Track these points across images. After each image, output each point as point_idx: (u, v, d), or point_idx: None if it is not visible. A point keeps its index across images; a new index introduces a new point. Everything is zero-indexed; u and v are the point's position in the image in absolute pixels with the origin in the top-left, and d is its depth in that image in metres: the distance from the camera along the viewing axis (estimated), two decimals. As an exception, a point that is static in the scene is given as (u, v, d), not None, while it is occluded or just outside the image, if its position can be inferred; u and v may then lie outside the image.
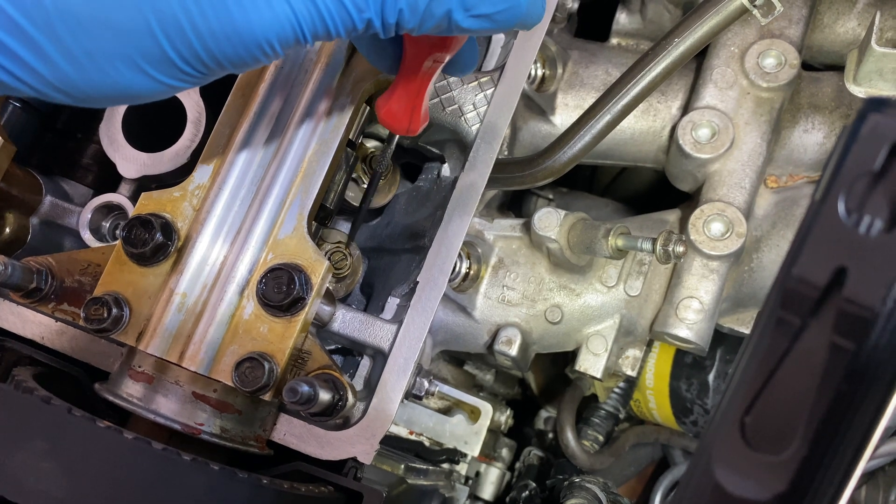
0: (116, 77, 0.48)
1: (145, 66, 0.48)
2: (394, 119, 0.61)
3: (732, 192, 0.89)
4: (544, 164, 0.82)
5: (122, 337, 0.64)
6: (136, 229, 0.64)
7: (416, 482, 0.87)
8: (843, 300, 0.32)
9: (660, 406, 1.12)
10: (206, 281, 0.65)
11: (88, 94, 0.49)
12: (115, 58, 0.47)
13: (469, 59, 0.61)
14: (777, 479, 0.34)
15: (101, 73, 0.47)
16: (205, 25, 0.47)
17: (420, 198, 0.89)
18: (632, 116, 0.92)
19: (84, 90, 0.48)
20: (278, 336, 0.63)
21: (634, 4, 1.02)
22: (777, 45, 0.90)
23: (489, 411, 1.08)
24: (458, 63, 0.60)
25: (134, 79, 0.48)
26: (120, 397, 0.64)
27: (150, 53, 0.47)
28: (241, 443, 0.65)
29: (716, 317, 0.88)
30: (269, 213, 0.65)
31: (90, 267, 0.69)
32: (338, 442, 0.68)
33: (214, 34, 0.47)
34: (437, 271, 0.72)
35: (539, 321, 0.93)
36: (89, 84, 0.48)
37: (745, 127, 0.90)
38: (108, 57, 0.47)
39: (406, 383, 0.69)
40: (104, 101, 0.50)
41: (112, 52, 0.47)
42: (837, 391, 0.33)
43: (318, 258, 0.64)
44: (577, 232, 0.86)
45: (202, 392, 0.64)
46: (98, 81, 0.48)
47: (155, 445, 0.56)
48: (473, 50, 0.61)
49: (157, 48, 0.47)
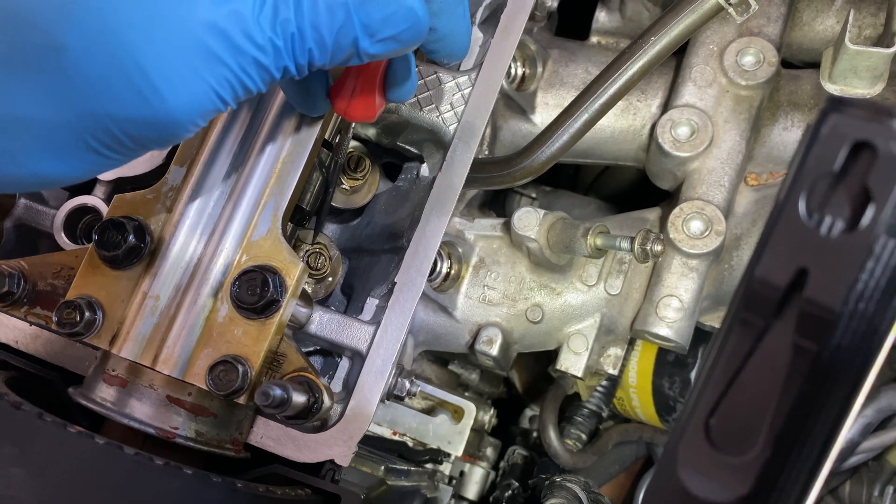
0: (35, 168, 0.48)
1: (66, 157, 0.48)
2: (353, 109, 0.60)
3: (712, 190, 0.89)
4: (523, 164, 0.82)
5: (95, 341, 0.64)
6: (108, 232, 0.63)
7: (397, 483, 0.87)
8: (804, 301, 0.32)
9: (643, 404, 1.12)
10: (180, 283, 0.64)
11: (4, 185, 0.49)
12: (34, 151, 0.47)
13: (456, 45, 0.60)
14: (741, 480, 0.34)
15: (19, 166, 0.48)
16: (124, 117, 0.47)
17: (399, 198, 0.89)
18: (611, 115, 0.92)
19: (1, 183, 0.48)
20: (253, 339, 0.62)
21: (613, 3, 1.02)
22: (755, 43, 0.90)
23: (472, 411, 1.08)
24: (445, 49, 0.60)
25: (55, 168, 0.48)
26: (93, 401, 0.64)
27: (71, 145, 0.47)
28: (216, 446, 0.65)
29: (696, 315, 0.88)
30: (242, 215, 0.65)
31: (63, 270, 0.68)
32: (315, 444, 0.68)
33: (135, 123, 0.47)
34: (414, 272, 0.72)
35: (520, 321, 0.92)
36: (6, 177, 0.48)
37: (724, 125, 0.90)
38: (27, 151, 0.47)
39: (384, 385, 0.69)
40: (23, 188, 0.50)
41: (31, 146, 0.47)
42: (800, 392, 0.33)
43: (292, 260, 0.64)
44: (557, 231, 0.86)
45: (177, 395, 0.64)
46: (16, 174, 0.48)
47: (127, 450, 0.56)
48: (461, 31, 0.60)
49: (78, 140, 0.47)
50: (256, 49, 0.48)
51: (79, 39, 0.45)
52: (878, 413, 1.06)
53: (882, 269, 0.31)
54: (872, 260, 0.31)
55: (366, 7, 0.48)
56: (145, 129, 0.48)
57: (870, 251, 0.31)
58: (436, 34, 0.57)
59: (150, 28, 0.46)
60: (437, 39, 0.57)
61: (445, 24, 0.57)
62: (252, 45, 0.48)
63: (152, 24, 0.46)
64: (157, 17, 0.46)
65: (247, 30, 0.47)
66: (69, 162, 0.49)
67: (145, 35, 0.46)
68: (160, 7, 0.46)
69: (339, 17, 0.48)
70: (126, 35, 0.46)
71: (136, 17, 0.46)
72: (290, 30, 0.48)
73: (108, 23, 0.45)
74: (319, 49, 0.49)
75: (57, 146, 0.48)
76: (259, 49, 0.48)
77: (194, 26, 0.46)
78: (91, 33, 0.45)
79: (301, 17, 0.48)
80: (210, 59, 0.47)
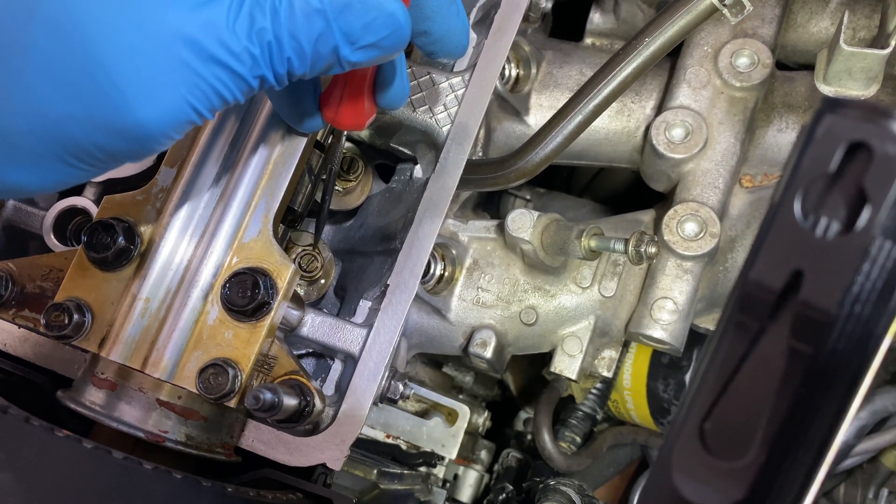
0: (4, 178, 0.47)
1: (35, 167, 0.47)
2: (341, 117, 0.60)
3: (706, 191, 0.88)
4: (516, 165, 0.81)
5: (84, 343, 0.63)
6: (97, 234, 0.63)
7: (390, 487, 0.86)
8: (799, 304, 0.32)
9: (637, 406, 1.12)
10: (170, 286, 0.63)
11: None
12: (7, 161, 0.46)
13: (453, 45, 0.59)
14: (736, 485, 0.33)
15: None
16: (93, 127, 0.45)
17: (393, 199, 0.88)
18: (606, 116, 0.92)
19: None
20: (243, 341, 0.62)
21: (608, 4, 1.02)
22: (750, 45, 0.90)
23: (466, 414, 1.08)
24: (443, 50, 0.59)
25: (24, 178, 0.47)
26: (82, 405, 0.63)
27: (40, 155, 0.46)
28: (207, 450, 0.64)
29: (691, 317, 0.88)
30: (233, 217, 0.64)
31: (52, 272, 0.67)
32: (307, 448, 0.67)
33: (105, 134, 0.46)
34: (407, 274, 0.72)
35: (514, 323, 0.92)
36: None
37: (718, 126, 0.90)
38: (2, 160, 0.46)
39: (377, 388, 0.69)
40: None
41: (2, 156, 0.46)
42: (796, 396, 0.33)
43: (284, 262, 0.63)
44: (551, 233, 0.85)
45: (167, 399, 0.63)
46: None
47: (115, 455, 0.55)
48: (457, 30, 0.58)
49: (46, 150, 0.46)
50: (232, 58, 0.46)
51: (43, 39, 0.43)
52: (872, 415, 1.06)
53: (878, 272, 0.31)
54: (868, 262, 0.31)
55: (345, 14, 0.47)
56: (116, 141, 0.47)
57: (866, 253, 0.31)
58: (431, 37, 0.56)
59: (120, 34, 0.44)
60: (434, 42, 0.56)
61: (440, 26, 0.56)
62: (227, 54, 0.46)
63: (122, 30, 0.44)
64: (127, 24, 0.44)
65: (221, 38, 0.46)
66: (39, 172, 0.47)
67: (115, 42, 0.44)
68: (131, 12, 0.44)
69: (318, 26, 0.47)
70: (94, 39, 0.44)
71: (105, 20, 0.44)
72: (266, 38, 0.47)
73: (74, 22, 0.44)
74: (298, 58, 0.48)
75: (25, 155, 0.46)
76: (235, 58, 0.46)
77: (166, 34, 0.45)
78: (56, 34, 0.44)
79: (278, 25, 0.46)
80: (183, 69, 0.46)
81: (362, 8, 0.47)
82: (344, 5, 0.47)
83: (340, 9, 0.47)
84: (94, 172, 0.49)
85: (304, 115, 0.61)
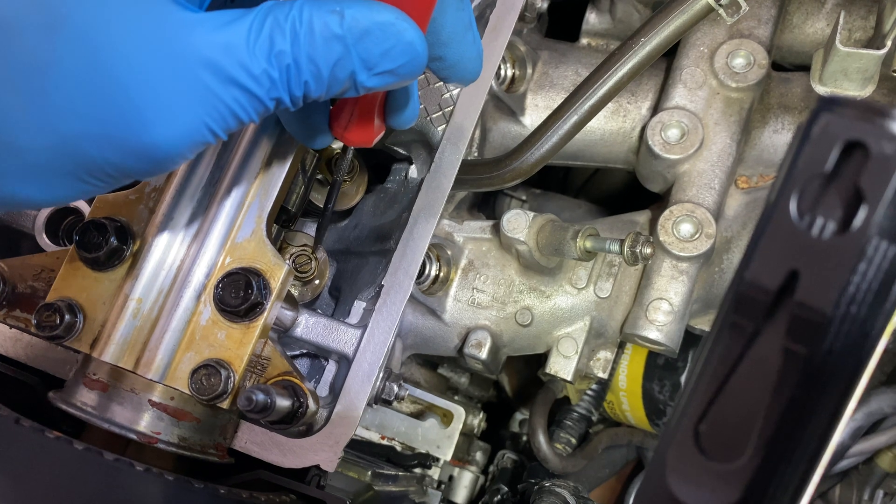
0: (13, 191, 0.47)
1: (46, 182, 0.47)
2: (350, 134, 0.59)
3: (702, 192, 0.88)
4: (512, 166, 0.81)
5: (76, 344, 0.62)
6: (89, 233, 0.62)
7: (384, 488, 0.86)
8: (795, 304, 0.31)
9: (633, 408, 1.12)
10: (162, 286, 0.63)
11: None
12: (12, 174, 0.46)
13: (467, 71, 0.57)
14: (730, 488, 0.33)
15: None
16: (109, 147, 0.45)
17: (388, 199, 0.88)
18: (601, 117, 0.92)
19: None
20: (236, 342, 0.61)
21: (604, 4, 1.02)
22: (746, 45, 0.90)
23: (462, 415, 1.07)
24: (456, 76, 0.58)
25: (34, 192, 0.47)
26: (74, 406, 0.62)
27: (52, 171, 0.46)
28: (199, 451, 0.64)
29: (686, 318, 0.88)
30: (226, 216, 0.64)
31: (43, 272, 0.67)
32: (300, 449, 0.67)
33: (121, 154, 0.46)
34: (402, 274, 0.71)
35: (509, 324, 0.92)
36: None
37: (714, 127, 0.90)
38: (5, 173, 0.46)
39: (371, 389, 0.68)
40: (0, 209, 0.49)
41: (10, 169, 0.45)
42: (791, 397, 0.32)
43: (277, 262, 0.63)
44: (546, 234, 0.85)
45: (159, 400, 0.63)
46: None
47: (106, 456, 0.55)
48: (471, 57, 0.57)
49: (59, 167, 0.46)
50: (251, 80, 0.46)
51: (64, 62, 0.43)
52: (868, 417, 1.06)
53: (874, 272, 0.31)
54: (865, 262, 0.31)
55: (364, 41, 0.47)
56: (131, 161, 0.46)
57: (862, 253, 0.31)
58: (446, 62, 0.55)
59: (141, 55, 0.44)
60: (448, 67, 0.56)
61: (454, 53, 0.55)
62: (247, 76, 0.46)
63: (143, 50, 0.44)
64: (148, 44, 0.44)
65: (241, 60, 0.46)
66: (49, 187, 0.47)
67: (135, 62, 0.44)
68: (153, 35, 0.44)
69: (337, 51, 0.47)
70: (114, 59, 0.44)
71: (126, 40, 0.44)
72: (285, 62, 0.46)
73: (96, 42, 0.43)
74: (315, 81, 0.48)
75: (37, 171, 0.46)
76: (254, 80, 0.46)
77: (187, 56, 0.45)
78: (77, 57, 0.43)
79: (297, 48, 0.46)
80: (202, 91, 0.46)
81: (381, 35, 0.47)
82: (363, 32, 0.47)
83: (360, 35, 0.47)
84: (105, 188, 0.49)
85: (314, 132, 0.61)
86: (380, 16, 0.47)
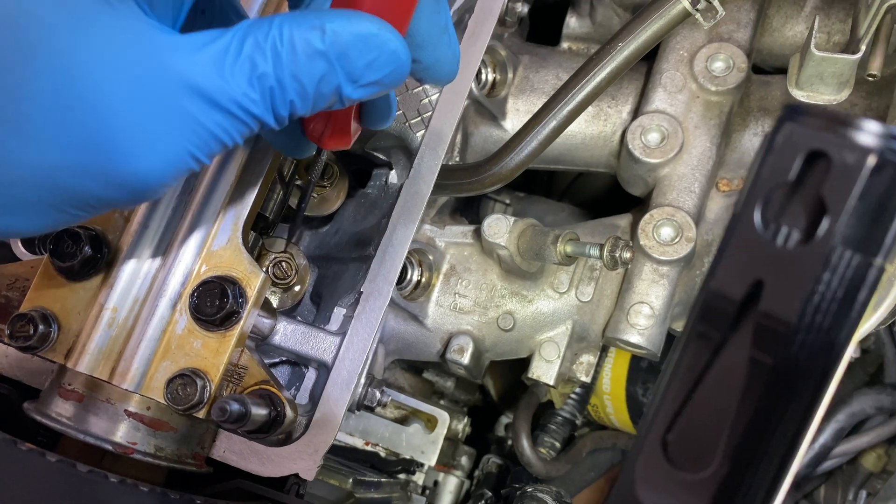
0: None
1: (22, 213, 0.46)
2: (328, 138, 0.59)
3: (682, 196, 0.88)
4: (492, 171, 0.81)
5: (51, 354, 0.62)
6: (63, 242, 0.62)
7: (366, 495, 0.86)
8: (760, 314, 0.31)
9: (617, 411, 1.12)
10: (138, 295, 0.62)
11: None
12: (0, 209, 0.45)
13: (443, 73, 0.57)
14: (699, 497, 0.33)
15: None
16: (87, 179, 0.44)
17: (368, 205, 0.87)
18: (582, 121, 0.92)
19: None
20: (212, 351, 0.61)
21: (584, 8, 1.02)
22: (725, 49, 0.90)
23: (446, 420, 1.07)
24: (432, 77, 0.57)
25: (10, 222, 0.46)
26: (49, 417, 0.62)
27: (28, 202, 0.45)
28: (177, 461, 0.63)
29: (668, 322, 0.88)
30: (202, 224, 0.63)
31: (18, 282, 0.66)
32: (279, 458, 0.66)
33: (100, 185, 0.45)
34: (381, 280, 0.71)
35: (491, 328, 0.91)
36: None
37: (694, 131, 0.90)
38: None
39: (350, 396, 0.68)
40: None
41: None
42: (757, 407, 0.32)
43: (253, 270, 0.63)
44: (527, 238, 0.85)
45: (135, 410, 0.62)
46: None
47: (80, 468, 0.54)
48: (447, 59, 0.57)
49: (36, 198, 0.45)
50: (234, 104, 0.45)
51: (41, 91, 0.42)
52: (850, 417, 1.06)
53: (839, 281, 0.31)
54: (829, 271, 0.31)
55: (347, 54, 0.46)
56: (113, 191, 0.45)
57: (826, 262, 0.31)
58: (421, 64, 0.55)
59: (119, 84, 0.43)
60: (424, 69, 0.55)
61: (430, 55, 0.54)
62: (230, 101, 0.45)
63: (122, 80, 0.43)
64: (127, 72, 0.43)
65: (224, 85, 0.45)
66: (33, 219, 0.46)
67: (114, 92, 0.43)
68: (130, 61, 0.43)
69: (321, 67, 0.46)
70: (92, 91, 0.42)
71: (104, 70, 0.43)
72: (268, 84, 0.46)
73: (72, 75, 0.42)
74: (301, 99, 0.47)
75: (20, 204, 0.45)
76: (236, 104, 0.45)
77: (167, 82, 0.44)
78: (53, 85, 0.42)
79: (280, 69, 0.45)
80: (183, 118, 0.44)
81: (364, 47, 0.46)
82: (346, 45, 0.46)
83: (342, 49, 0.46)
84: (89, 217, 0.48)
85: (297, 143, 0.61)
86: (361, 27, 0.46)
